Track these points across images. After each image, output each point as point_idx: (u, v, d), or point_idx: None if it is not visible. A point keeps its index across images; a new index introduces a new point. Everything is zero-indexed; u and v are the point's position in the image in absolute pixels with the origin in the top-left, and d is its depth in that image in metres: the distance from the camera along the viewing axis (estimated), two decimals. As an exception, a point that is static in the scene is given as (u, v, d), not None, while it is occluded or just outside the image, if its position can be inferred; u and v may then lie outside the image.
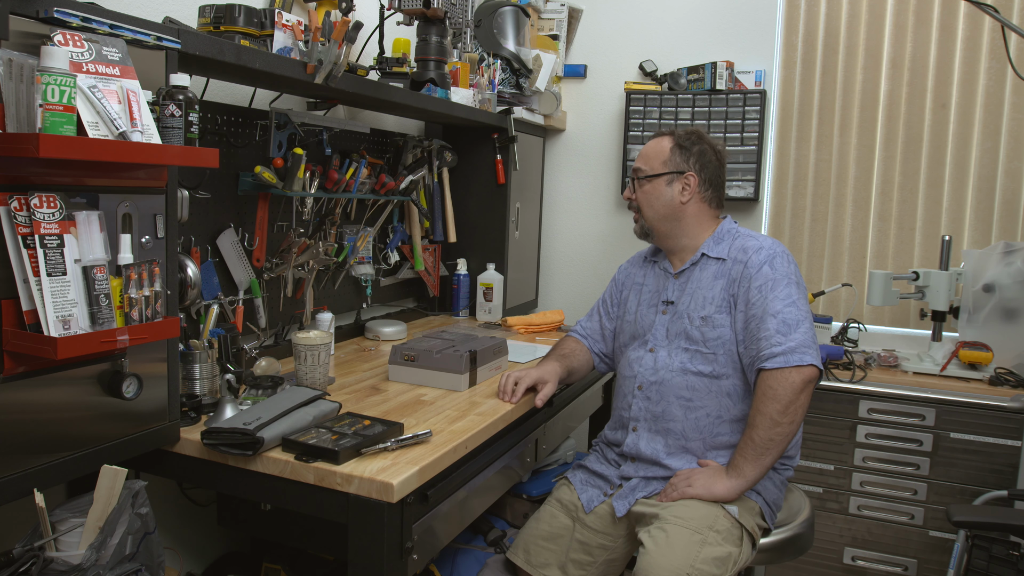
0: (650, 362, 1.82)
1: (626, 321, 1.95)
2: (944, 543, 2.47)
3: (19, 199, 1.13)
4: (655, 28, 3.12)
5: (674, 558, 1.55)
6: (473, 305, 2.87)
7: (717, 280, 1.78)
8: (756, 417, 1.63)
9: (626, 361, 1.89)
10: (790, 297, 1.68)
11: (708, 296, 1.78)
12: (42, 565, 1.21)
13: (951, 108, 2.79)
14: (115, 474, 1.24)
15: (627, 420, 1.84)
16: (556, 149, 3.34)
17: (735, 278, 1.75)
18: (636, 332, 1.90)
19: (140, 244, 1.30)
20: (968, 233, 2.80)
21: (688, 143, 1.81)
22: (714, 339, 1.75)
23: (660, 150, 1.83)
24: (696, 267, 1.83)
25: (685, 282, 1.84)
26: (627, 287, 2.01)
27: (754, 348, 1.67)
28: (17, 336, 1.14)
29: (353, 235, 2.39)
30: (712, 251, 1.82)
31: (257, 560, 1.97)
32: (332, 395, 1.77)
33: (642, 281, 1.96)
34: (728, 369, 1.74)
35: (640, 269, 2.00)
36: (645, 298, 1.92)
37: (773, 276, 1.70)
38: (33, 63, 1.09)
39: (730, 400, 1.75)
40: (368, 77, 2.00)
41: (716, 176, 1.84)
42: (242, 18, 1.72)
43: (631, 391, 1.84)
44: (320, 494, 1.37)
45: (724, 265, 1.79)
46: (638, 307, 1.92)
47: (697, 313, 1.78)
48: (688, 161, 1.81)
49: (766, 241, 1.78)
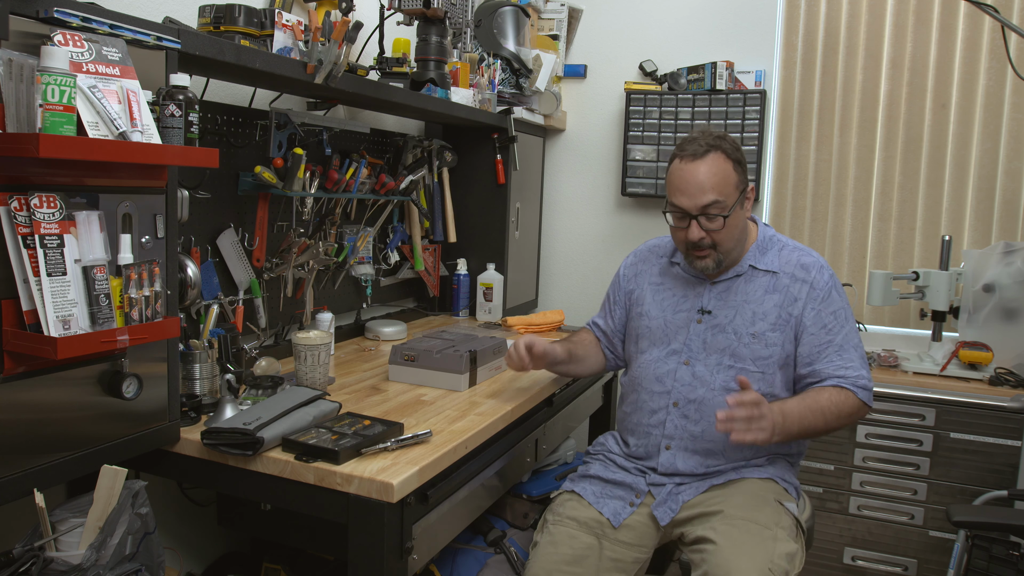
0: (687, 377, 1.71)
1: (643, 324, 1.82)
2: (944, 543, 2.47)
3: (19, 199, 1.13)
4: (655, 28, 3.12)
5: (753, 555, 1.48)
6: (473, 305, 2.87)
7: (769, 295, 1.69)
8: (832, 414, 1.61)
9: (650, 371, 1.76)
10: (855, 329, 1.70)
11: (759, 311, 1.68)
12: (42, 565, 1.21)
13: (951, 108, 2.79)
14: (115, 474, 1.24)
15: (658, 438, 1.72)
16: (556, 149, 3.34)
17: (797, 297, 1.67)
18: (660, 339, 1.77)
19: (140, 244, 1.30)
20: (968, 233, 2.80)
21: (737, 153, 1.66)
22: (765, 358, 1.67)
23: (727, 174, 1.63)
24: (741, 279, 1.73)
25: (726, 292, 1.73)
26: (638, 285, 1.88)
27: (832, 367, 1.65)
28: (17, 336, 1.14)
29: (353, 235, 2.39)
30: (760, 263, 1.72)
31: (257, 560, 1.97)
32: (332, 395, 1.77)
33: (660, 281, 1.84)
34: (775, 388, 1.68)
35: (653, 266, 1.87)
36: (670, 302, 1.79)
37: (842, 304, 1.69)
38: (33, 63, 1.09)
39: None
40: (368, 77, 2.00)
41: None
42: (242, 18, 1.72)
43: (663, 407, 1.72)
44: (320, 494, 1.37)
45: (777, 280, 1.70)
46: (662, 311, 1.79)
47: (746, 329, 1.68)
48: (746, 173, 1.69)
49: (818, 256, 1.73)
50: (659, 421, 1.73)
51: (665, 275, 1.84)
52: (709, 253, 1.68)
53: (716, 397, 1.67)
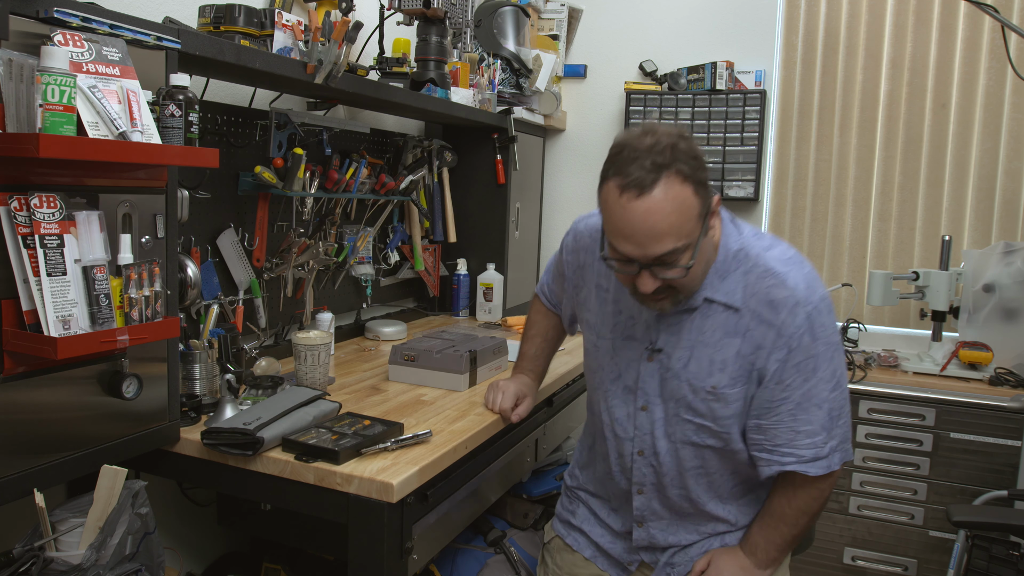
0: (646, 425, 1.44)
1: (590, 337, 1.53)
2: (944, 543, 2.47)
3: (19, 199, 1.13)
4: (655, 28, 3.12)
5: None
6: (473, 305, 2.87)
7: (729, 339, 1.34)
8: (791, 514, 1.40)
9: (607, 410, 1.50)
10: (834, 376, 1.34)
11: (716, 359, 1.35)
12: (42, 565, 1.20)
13: (951, 108, 2.79)
14: (115, 474, 1.24)
15: (630, 484, 1.50)
16: (556, 149, 3.34)
17: (760, 344, 1.32)
18: (609, 366, 1.48)
19: (140, 244, 1.30)
20: (968, 233, 2.80)
21: (694, 164, 1.21)
22: (726, 417, 1.37)
23: (686, 206, 1.20)
24: (695, 314, 1.37)
25: (677, 326, 1.38)
26: (584, 280, 1.54)
27: (784, 438, 1.35)
28: (17, 336, 1.14)
29: (353, 235, 2.39)
30: (718, 293, 1.34)
31: (257, 560, 1.97)
32: (332, 395, 1.77)
33: (606, 286, 1.49)
34: (741, 442, 1.40)
35: (598, 264, 1.49)
36: (618, 321, 1.46)
37: (815, 351, 1.31)
38: (33, 63, 1.09)
39: (747, 465, 1.43)
40: (368, 77, 2.00)
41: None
42: (242, 18, 1.72)
43: (629, 454, 1.48)
44: (320, 494, 1.37)
45: (738, 319, 1.33)
46: (610, 331, 1.47)
47: (702, 383, 1.36)
48: (707, 185, 1.25)
49: (798, 285, 1.31)
50: (626, 467, 1.49)
51: (610, 279, 1.48)
52: (667, 295, 1.30)
53: (681, 450, 1.42)
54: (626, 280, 1.30)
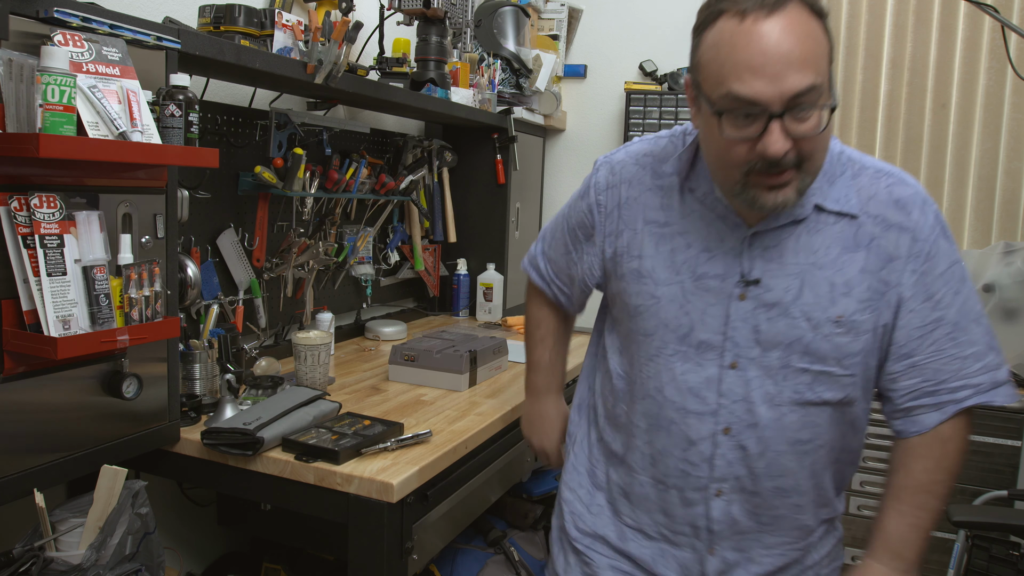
0: (737, 388, 1.11)
1: (644, 291, 1.16)
2: (944, 543, 2.46)
3: (19, 199, 1.13)
4: (655, 28, 3.12)
5: None
6: (473, 305, 2.87)
7: (848, 254, 1.07)
8: (940, 479, 1.12)
9: (673, 382, 1.14)
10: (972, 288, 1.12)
11: (837, 282, 1.07)
12: (42, 565, 1.20)
13: (951, 108, 2.79)
14: (115, 474, 1.24)
15: (706, 485, 1.14)
16: (556, 149, 3.34)
17: (892, 255, 1.07)
18: (677, 321, 1.13)
19: (140, 244, 1.30)
20: (968, 233, 2.80)
21: (820, 9, 0.98)
22: (854, 354, 1.09)
23: (820, 39, 0.96)
24: (801, 227, 1.08)
25: (777, 248, 1.09)
26: (627, 222, 1.19)
27: (950, 369, 1.09)
28: (17, 336, 1.14)
29: (353, 235, 2.39)
30: (828, 201, 1.08)
31: (257, 560, 1.96)
32: (332, 395, 1.77)
33: (663, 219, 1.15)
34: (859, 391, 1.13)
35: (648, 192, 1.17)
36: (687, 261, 1.12)
37: (955, 255, 1.09)
38: (33, 63, 1.09)
39: (852, 431, 1.17)
40: (368, 77, 2.00)
41: None
42: (242, 18, 1.72)
43: (709, 436, 1.12)
44: (320, 494, 1.37)
45: (858, 228, 1.08)
46: (676, 274, 1.13)
47: (824, 313, 1.07)
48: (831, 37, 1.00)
49: (915, 183, 1.11)
50: (701, 456, 1.13)
51: (670, 209, 1.15)
52: (792, 177, 0.99)
53: (786, 417, 1.10)
54: (737, 154, 0.98)
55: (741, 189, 1.01)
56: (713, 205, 1.12)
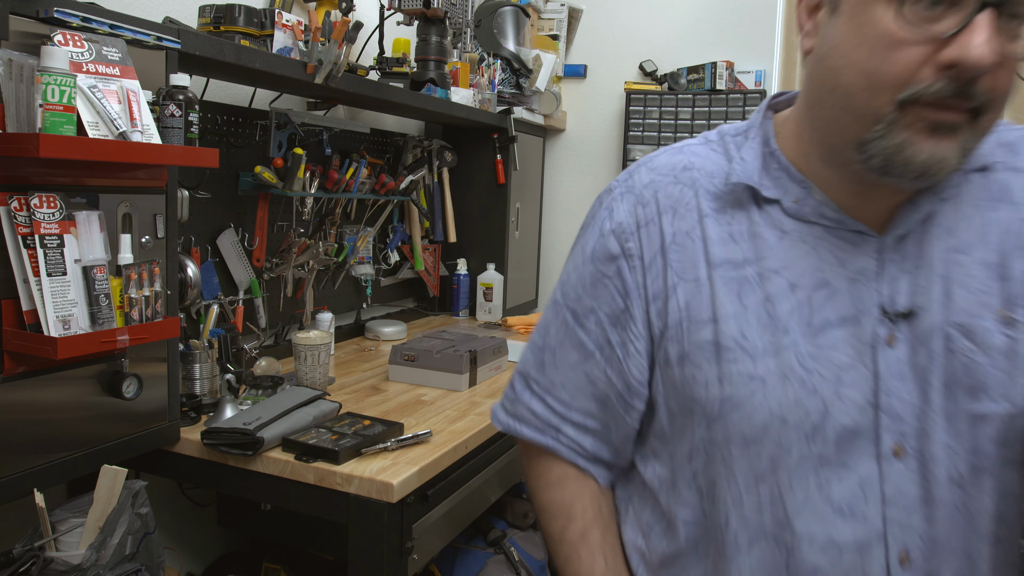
0: (910, 488, 0.72)
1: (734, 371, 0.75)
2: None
3: (19, 199, 1.12)
4: (655, 28, 3.12)
5: None
6: (473, 305, 2.87)
7: (992, 213, 0.75)
8: None
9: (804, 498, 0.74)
10: None
11: (991, 261, 0.74)
12: (42, 565, 1.20)
13: (951, 108, 2.79)
14: (115, 474, 1.24)
15: None
16: (556, 149, 3.34)
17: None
18: (807, 415, 0.73)
19: (140, 244, 1.30)
20: (968, 233, 2.80)
21: None
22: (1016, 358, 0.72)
23: None
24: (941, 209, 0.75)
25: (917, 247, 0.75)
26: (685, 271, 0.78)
27: None
28: (17, 336, 1.14)
29: (353, 235, 2.40)
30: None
31: (257, 560, 1.96)
32: (332, 395, 1.77)
33: (741, 256, 0.77)
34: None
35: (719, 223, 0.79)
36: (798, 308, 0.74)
37: None
38: (33, 63, 1.09)
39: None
40: (368, 77, 2.00)
41: None
42: (242, 18, 1.72)
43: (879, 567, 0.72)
44: (320, 494, 1.37)
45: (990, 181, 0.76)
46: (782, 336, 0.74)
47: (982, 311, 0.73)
48: None
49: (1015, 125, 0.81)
50: None
51: (745, 238, 0.78)
52: (964, 121, 0.66)
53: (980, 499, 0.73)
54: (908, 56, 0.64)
55: (886, 130, 0.66)
56: (816, 212, 0.75)
